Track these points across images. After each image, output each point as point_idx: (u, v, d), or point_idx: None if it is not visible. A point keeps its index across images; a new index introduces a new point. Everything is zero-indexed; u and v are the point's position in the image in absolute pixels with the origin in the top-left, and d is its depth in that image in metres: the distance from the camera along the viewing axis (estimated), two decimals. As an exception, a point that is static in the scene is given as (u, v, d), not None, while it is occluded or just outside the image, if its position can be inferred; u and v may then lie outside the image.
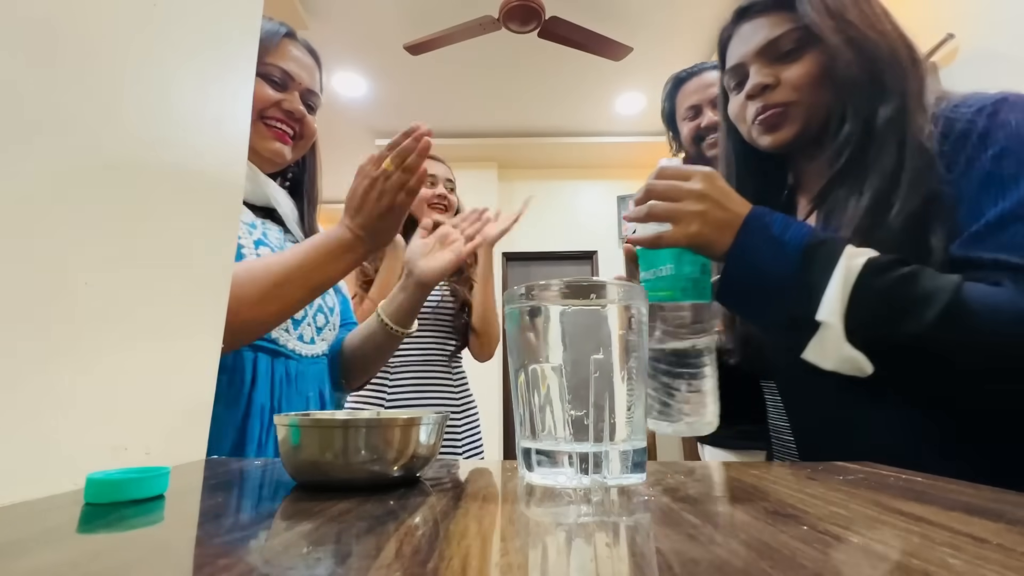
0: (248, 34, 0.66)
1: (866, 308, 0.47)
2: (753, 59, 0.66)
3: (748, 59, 0.67)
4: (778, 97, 0.65)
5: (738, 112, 0.70)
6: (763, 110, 0.66)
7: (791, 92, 0.64)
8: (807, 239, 0.52)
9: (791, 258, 0.51)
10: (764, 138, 0.67)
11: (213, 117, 0.57)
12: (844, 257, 0.49)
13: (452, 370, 1.51)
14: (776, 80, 0.65)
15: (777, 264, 0.52)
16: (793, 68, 0.64)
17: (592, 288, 0.37)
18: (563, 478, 0.35)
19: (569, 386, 0.35)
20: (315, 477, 0.35)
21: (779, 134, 0.66)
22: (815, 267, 0.50)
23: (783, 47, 0.65)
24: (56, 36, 0.37)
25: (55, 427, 0.35)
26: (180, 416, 0.48)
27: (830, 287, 0.48)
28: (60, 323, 0.36)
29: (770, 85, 0.65)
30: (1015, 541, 0.21)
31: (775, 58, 0.65)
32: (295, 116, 0.82)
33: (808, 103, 0.64)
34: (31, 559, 0.21)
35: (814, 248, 0.51)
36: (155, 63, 0.48)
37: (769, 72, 0.65)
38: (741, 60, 0.68)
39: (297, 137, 0.84)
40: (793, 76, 0.64)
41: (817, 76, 0.63)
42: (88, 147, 0.40)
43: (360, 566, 0.19)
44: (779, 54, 0.65)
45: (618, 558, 0.20)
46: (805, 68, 0.63)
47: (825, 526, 0.24)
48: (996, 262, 0.48)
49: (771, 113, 0.65)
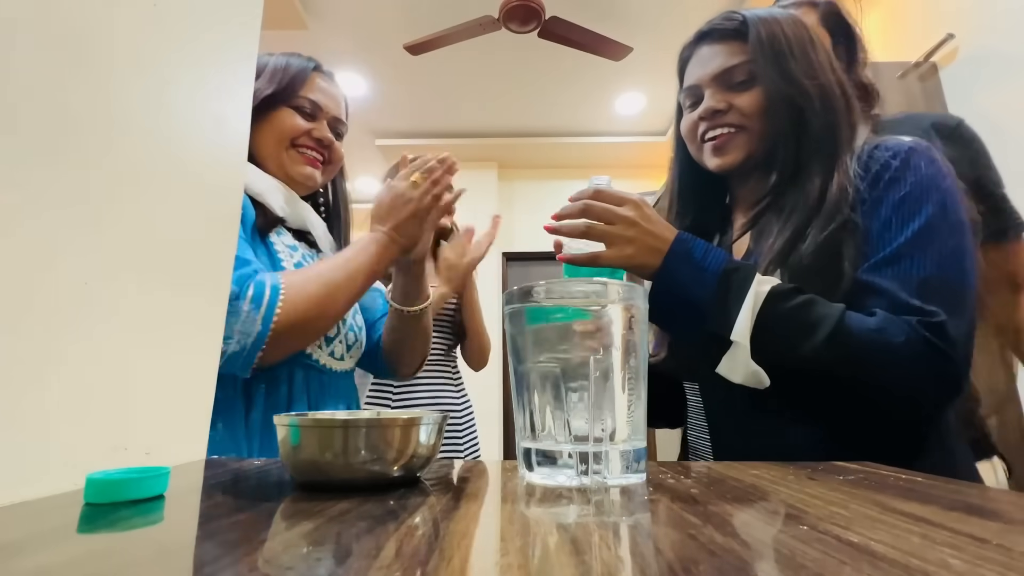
0: (248, 34, 0.65)
1: (769, 331, 0.54)
2: (708, 83, 0.71)
3: (704, 83, 0.71)
4: (729, 119, 0.70)
5: (689, 130, 0.74)
6: (714, 133, 0.71)
7: (740, 118, 0.69)
8: (723, 266, 0.59)
9: (710, 282, 0.58)
10: (712, 160, 0.72)
11: (213, 117, 0.57)
12: (754, 283, 0.56)
13: (452, 370, 1.51)
14: (728, 106, 0.69)
15: (698, 287, 0.59)
16: (744, 97, 0.69)
17: (592, 289, 0.37)
18: (563, 478, 0.35)
19: (569, 386, 0.35)
20: (315, 477, 0.35)
21: (726, 157, 0.71)
22: (730, 292, 0.56)
23: (736, 77, 0.69)
24: (55, 36, 0.37)
25: (55, 427, 0.35)
26: (180, 416, 0.48)
27: (742, 312, 0.55)
28: (60, 323, 0.36)
29: (721, 110, 0.70)
30: (1015, 541, 0.21)
31: (728, 86, 0.70)
32: (324, 143, 0.88)
33: (754, 131, 0.69)
34: (31, 559, 0.21)
35: (729, 274, 0.58)
36: (155, 63, 0.48)
37: (722, 98, 0.70)
38: (697, 82, 0.72)
39: (327, 162, 0.90)
40: (743, 104, 0.69)
41: (764, 108, 0.68)
42: (88, 147, 0.40)
43: (360, 566, 0.19)
44: (732, 83, 0.70)
45: (618, 558, 0.20)
46: (754, 99, 0.68)
47: (825, 526, 0.24)
48: (886, 290, 0.55)
49: (720, 136, 0.70)
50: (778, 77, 0.66)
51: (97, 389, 0.39)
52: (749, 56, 0.68)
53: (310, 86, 0.87)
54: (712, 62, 0.71)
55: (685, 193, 0.81)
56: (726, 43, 0.70)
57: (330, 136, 0.89)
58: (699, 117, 0.71)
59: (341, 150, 0.93)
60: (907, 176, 0.59)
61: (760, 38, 0.68)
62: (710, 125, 0.71)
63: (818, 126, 0.66)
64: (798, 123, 0.66)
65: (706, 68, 0.71)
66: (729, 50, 0.70)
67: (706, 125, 0.71)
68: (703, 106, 0.71)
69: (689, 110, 0.74)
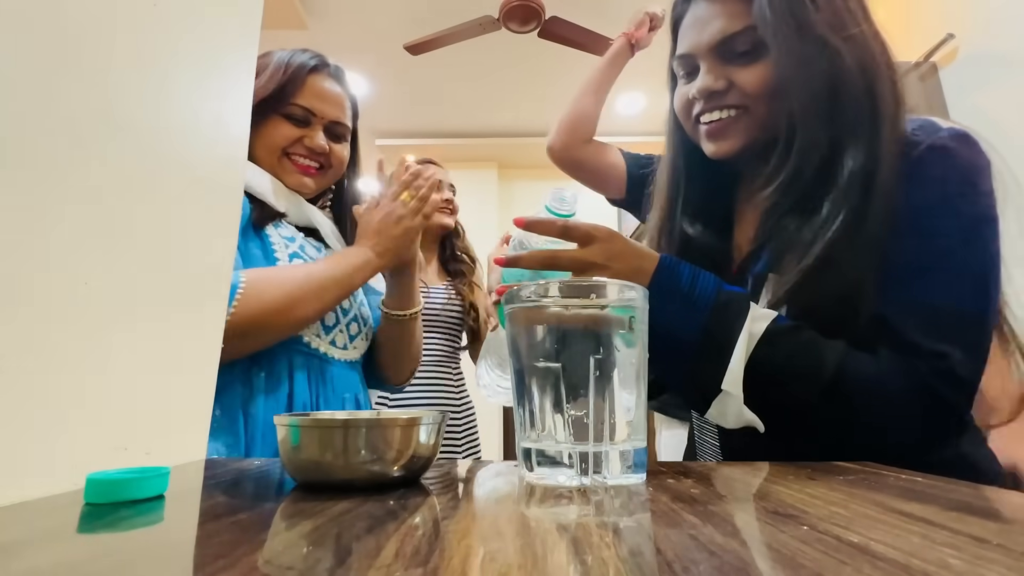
0: (248, 34, 0.65)
1: (761, 377, 0.48)
2: (705, 54, 0.59)
3: (699, 53, 0.59)
4: (728, 100, 0.58)
5: (683, 107, 0.63)
6: (710, 117, 0.60)
7: (742, 98, 0.57)
8: (712, 301, 0.50)
9: (697, 321, 0.50)
10: (707, 145, 0.62)
11: (213, 117, 0.57)
12: (748, 321, 0.48)
13: (453, 371, 1.51)
14: (727, 84, 0.58)
15: (683, 326, 0.50)
16: (747, 72, 0.56)
17: (592, 288, 0.37)
18: (563, 478, 0.35)
19: (569, 386, 0.35)
20: (315, 477, 0.35)
21: (722, 144, 0.60)
22: (720, 333, 0.49)
23: (738, 47, 0.57)
24: (55, 36, 0.37)
25: (55, 427, 0.35)
26: (180, 416, 0.48)
27: (734, 357, 0.48)
28: (60, 323, 0.36)
29: (719, 91, 0.58)
30: (1015, 541, 0.21)
31: (728, 57, 0.58)
32: (317, 151, 0.84)
33: (760, 112, 0.57)
34: (31, 559, 0.21)
35: (719, 311, 0.50)
36: (155, 63, 0.48)
37: (720, 73, 0.58)
38: (691, 51, 0.60)
39: (323, 168, 0.87)
40: (745, 81, 0.56)
41: (772, 85, 0.55)
42: (87, 147, 0.40)
43: (360, 566, 0.19)
44: (733, 53, 0.57)
45: (618, 558, 0.20)
46: (759, 74, 0.56)
47: (825, 526, 0.24)
48: (893, 326, 0.48)
49: (716, 122, 0.60)
50: (795, 37, 0.52)
51: (97, 389, 0.39)
52: (754, 17, 0.54)
53: (305, 90, 0.83)
54: (709, 26, 0.58)
55: (683, 176, 0.69)
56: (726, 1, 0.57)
57: (323, 144, 0.85)
58: (694, 97, 0.60)
59: (342, 153, 0.90)
60: (937, 174, 0.49)
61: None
62: (706, 107, 0.60)
63: (854, 95, 0.51)
64: (827, 95, 0.52)
65: (702, 34, 0.58)
66: (730, 10, 0.56)
67: (701, 106, 0.60)
68: (697, 84, 0.59)
69: (684, 80, 0.63)
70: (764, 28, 0.54)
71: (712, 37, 0.57)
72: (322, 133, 0.85)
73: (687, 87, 0.62)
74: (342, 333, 0.83)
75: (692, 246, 0.67)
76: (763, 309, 0.51)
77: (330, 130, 0.87)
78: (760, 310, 0.51)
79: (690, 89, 0.61)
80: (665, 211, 0.71)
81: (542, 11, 2.57)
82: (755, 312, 0.50)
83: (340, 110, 0.87)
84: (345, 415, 0.40)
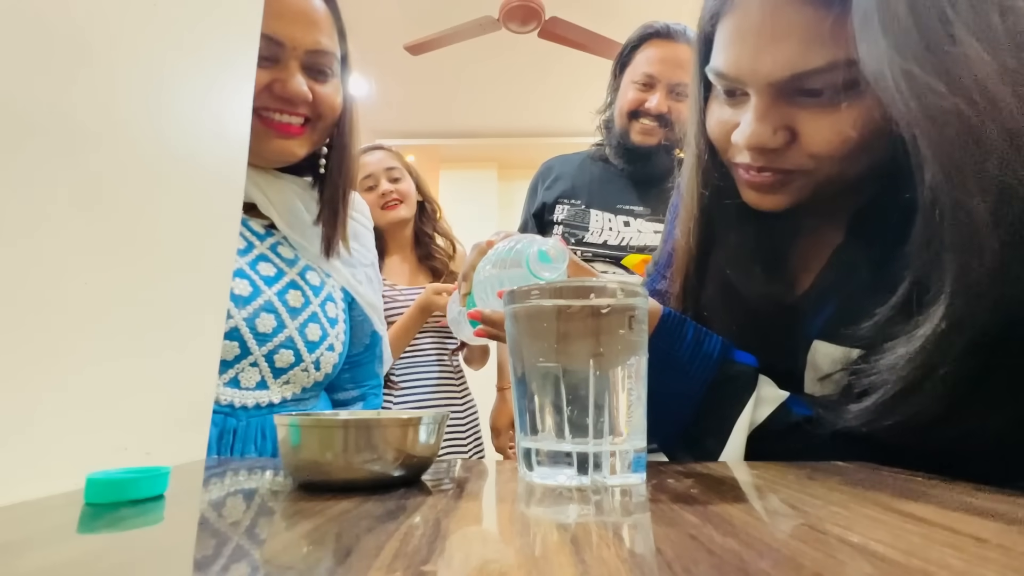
0: (248, 33, 0.65)
1: (760, 455, 0.43)
2: (761, 89, 0.41)
3: (752, 84, 0.42)
4: (785, 164, 0.43)
5: (721, 135, 0.47)
6: (756, 168, 0.45)
7: (804, 159, 0.42)
8: (714, 373, 0.44)
9: (695, 393, 0.45)
10: (747, 193, 0.48)
11: (213, 117, 0.57)
12: (749, 406, 0.43)
13: (454, 370, 1.52)
14: (787, 138, 0.42)
15: (681, 395, 0.45)
16: (818, 123, 0.40)
17: (592, 288, 0.37)
18: (563, 478, 0.35)
19: (569, 386, 0.35)
20: (315, 477, 0.35)
21: (767, 199, 0.46)
22: (717, 411, 0.44)
23: (809, 84, 0.39)
24: (55, 36, 0.37)
25: (55, 427, 0.35)
26: (180, 416, 0.48)
27: (730, 442, 0.43)
28: (60, 323, 0.36)
29: (776, 150, 0.43)
30: (1015, 541, 0.21)
31: (792, 95, 0.41)
32: (296, 99, 0.61)
33: (825, 172, 0.43)
34: (31, 559, 0.21)
35: (719, 386, 0.44)
36: (155, 63, 0.48)
37: (779, 120, 0.41)
38: (738, 77, 0.43)
39: (312, 120, 0.65)
40: (815, 137, 0.41)
41: (856, 146, 0.39)
42: (87, 147, 0.40)
43: (360, 566, 0.19)
44: (799, 91, 0.41)
45: (618, 558, 0.20)
46: (836, 129, 0.39)
47: (825, 526, 0.24)
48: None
49: (766, 178, 0.45)
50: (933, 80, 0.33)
51: (97, 389, 0.39)
52: (851, 45, 0.36)
53: (265, 11, 0.56)
54: (772, 50, 0.39)
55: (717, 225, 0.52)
56: (803, 7, 0.38)
57: (301, 88, 0.60)
58: (737, 143, 0.45)
59: (332, 95, 0.64)
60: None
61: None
62: (754, 161, 0.44)
63: (993, 136, 0.33)
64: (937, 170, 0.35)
65: (760, 59, 0.40)
66: (806, 31, 0.38)
67: (747, 158, 0.45)
68: (746, 131, 0.43)
69: (724, 100, 0.46)
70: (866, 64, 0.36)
71: (776, 72, 0.39)
72: (298, 72, 0.62)
73: (728, 114, 0.46)
74: (253, 368, 0.61)
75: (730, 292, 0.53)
76: (771, 391, 0.44)
77: (310, 64, 0.62)
78: (765, 393, 0.43)
79: (733, 122, 0.45)
80: (691, 268, 0.56)
81: (542, 11, 2.57)
82: (760, 395, 0.43)
83: (317, 30, 0.62)
84: (345, 415, 0.40)
